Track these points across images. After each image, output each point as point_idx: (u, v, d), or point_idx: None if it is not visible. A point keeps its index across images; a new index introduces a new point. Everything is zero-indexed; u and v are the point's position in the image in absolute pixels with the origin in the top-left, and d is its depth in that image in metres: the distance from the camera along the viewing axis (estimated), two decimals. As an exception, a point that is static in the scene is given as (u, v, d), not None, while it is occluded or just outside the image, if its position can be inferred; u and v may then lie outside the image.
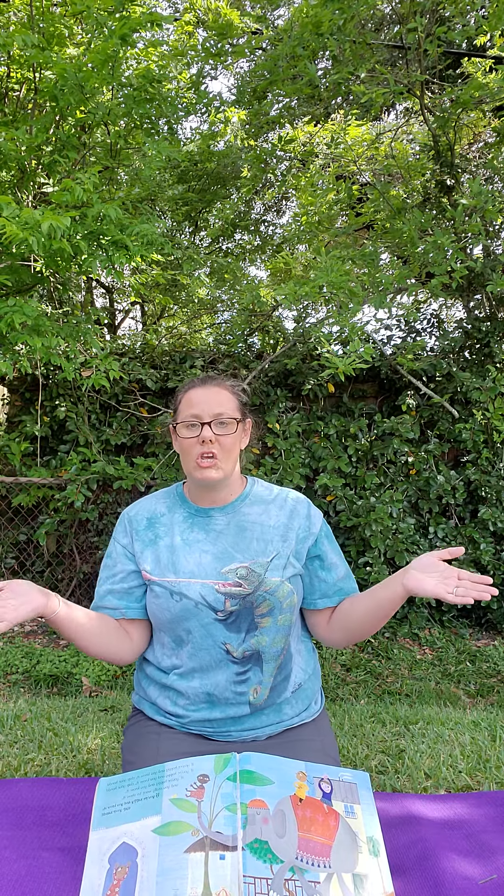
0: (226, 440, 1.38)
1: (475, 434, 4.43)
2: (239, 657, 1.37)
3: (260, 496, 1.48)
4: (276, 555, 1.39)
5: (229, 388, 1.45)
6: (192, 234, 6.70)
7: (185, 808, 1.12)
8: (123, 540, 1.47)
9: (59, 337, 3.31)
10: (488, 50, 4.30)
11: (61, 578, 4.50)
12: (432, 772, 1.85)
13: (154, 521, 1.46)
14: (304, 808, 1.15)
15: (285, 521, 1.44)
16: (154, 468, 4.24)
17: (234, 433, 1.39)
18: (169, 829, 1.10)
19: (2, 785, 1.60)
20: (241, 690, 1.38)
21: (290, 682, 1.43)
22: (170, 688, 1.43)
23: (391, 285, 3.86)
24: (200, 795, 1.13)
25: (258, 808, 1.12)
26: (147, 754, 1.37)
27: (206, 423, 1.37)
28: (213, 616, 1.36)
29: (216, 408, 1.38)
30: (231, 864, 1.04)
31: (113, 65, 3.28)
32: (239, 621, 1.37)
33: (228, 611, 1.36)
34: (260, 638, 1.38)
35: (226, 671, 1.38)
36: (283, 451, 4.33)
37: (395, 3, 4.35)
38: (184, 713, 1.40)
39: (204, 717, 1.39)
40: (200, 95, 4.45)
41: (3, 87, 3.87)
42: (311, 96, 4.67)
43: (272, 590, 1.37)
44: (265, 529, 1.42)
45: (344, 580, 1.47)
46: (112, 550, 1.49)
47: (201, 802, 1.12)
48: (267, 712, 1.41)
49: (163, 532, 1.44)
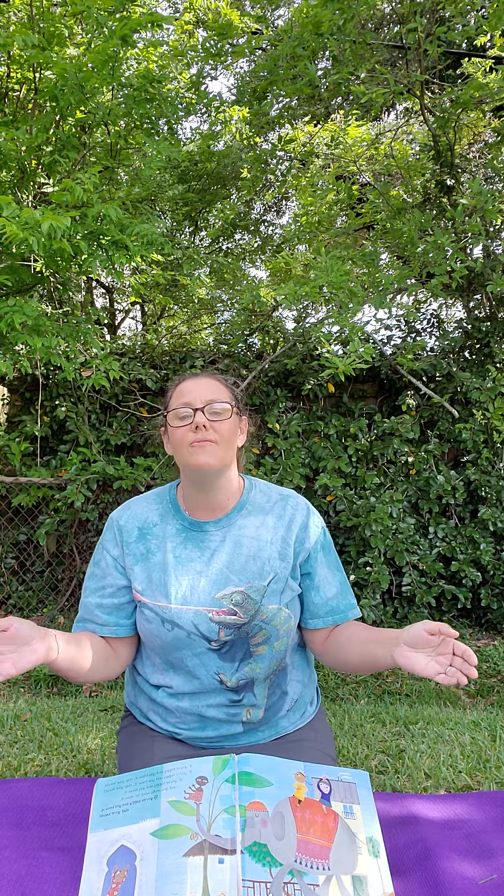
0: (221, 426, 1.29)
1: (475, 434, 4.43)
2: (233, 686, 1.32)
3: (258, 504, 1.38)
4: (273, 577, 1.31)
5: (222, 379, 1.37)
6: (192, 235, 6.70)
7: (184, 810, 1.12)
8: (114, 551, 1.37)
9: (59, 337, 3.31)
10: (488, 50, 4.30)
11: (61, 578, 4.50)
12: (432, 772, 1.85)
13: (145, 533, 1.36)
14: (302, 809, 1.14)
15: (283, 533, 1.35)
16: (154, 468, 4.24)
17: (229, 419, 1.30)
18: (167, 833, 1.09)
19: (2, 785, 1.60)
20: (234, 712, 1.34)
21: (286, 700, 1.39)
22: (159, 704, 1.38)
23: (391, 285, 3.86)
24: (199, 798, 1.13)
25: (257, 810, 1.12)
26: (142, 757, 1.34)
27: (198, 408, 1.28)
28: (207, 646, 1.29)
29: (208, 394, 1.31)
30: (230, 867, 1.04)
31: (113, 65, 3.28)
32: (234, 651, 1.31)
33: (223, 640, 1.29)
34: (254, 665, 1.32)
35: (218, 697, 1.33)
36: (283, 451, 4.33)
37: (395, 3, 4.35)
38: (174, 730, 1.37)
39: (195, 736, 1.35)
40: (200, 95, 4.45)
41: (3, 87, 3.87)
42: (312, 96, 4.67)
43: (269, 618, 1.30)
44: (262, 546, 1.33)
45: (336, 598, 1.37)
46: (101, 559, 1.39)
47: (199, 805, 1.12)
48: (262, 729, 1.37)
49: (154, 546, 1.35)
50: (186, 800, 1.13)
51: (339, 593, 1.38)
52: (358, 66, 3.90)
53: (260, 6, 4.87)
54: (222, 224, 6.61)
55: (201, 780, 1.15)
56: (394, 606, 4.30)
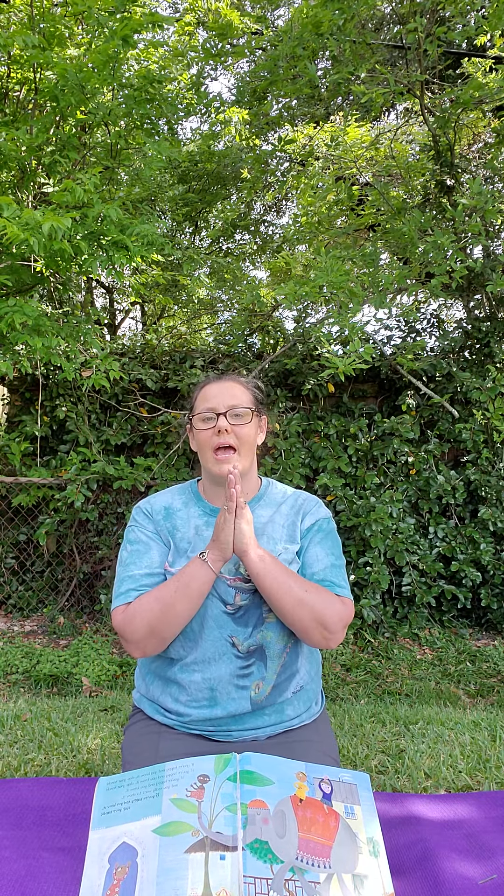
0: (242, 430, 1.42)
1: (475, 434, 4.43)
2: (244, 652, 1.38)
3: (273, 498, 1.52)
4: (282, 552, 1.42)
5: (244, 382, 1.49)
6: (193, 235, 6.70)
7: (185, 808, 1.12)
8: (149, 526, 1.47)
9: (59, 337, 3.31)
10: (488, 50, 4.30)
11: (61, 578, 4.51)
12: (432, 772, 1.86)
13: (171, 513, 1.48)
14: (304, 808, 1.15)
15: (293, 519, 1.47)
16: (154, 468, 4.24)
17: (249, 423, 1.43)
18: (169, 830, 1.10)
19: (2, 785, 1.60)
20: (244, 685, 1.38)
21: (292, 683, 1.43)
22: (172, 682, 1.42)
23: (391, 285, 3.86)
24: (200, 796, 1.14)
25: (258, 808, 1.12)
26: (146, 754, 1.37)
27: (221, 413, 1.41)
28: (223, 608, 1.38)
29: (230, 399, 1.43)
30: (231, 864, 1.04)
31: (114, 65, 3.28)
32: (247, 616, 1.39)
33: (238, 605, 1.39)
34: (266, 633, 1.39)
35: (229, 665, 1.38)
36: (283, 451, 4.33)
37: (395, 4, 4.35)
38: (185, 711, 1.40)
39: (205, 717, 1.39)
40: (201, 96, 4.45)
41: (3, 87, 3.87)
42: (312, 96, 4.67)
43: None
44: (275, 529, 1.45)
45: (322, 573, 1.43)
46: (137, 538, 1.46)
47: (201, 803, 1.12)
48: (268, 712, 1.41)
49: (180, 524, 1.46)
50: (188, 797, 1.13)
51: (326, 569, 1.44)
52: (358, 66, 3.90)
53: (260, 6, 4.87)
54: (222, 224, 6.61)
55: (203, 779, 1.15)
56: (394, 606, 4.30)
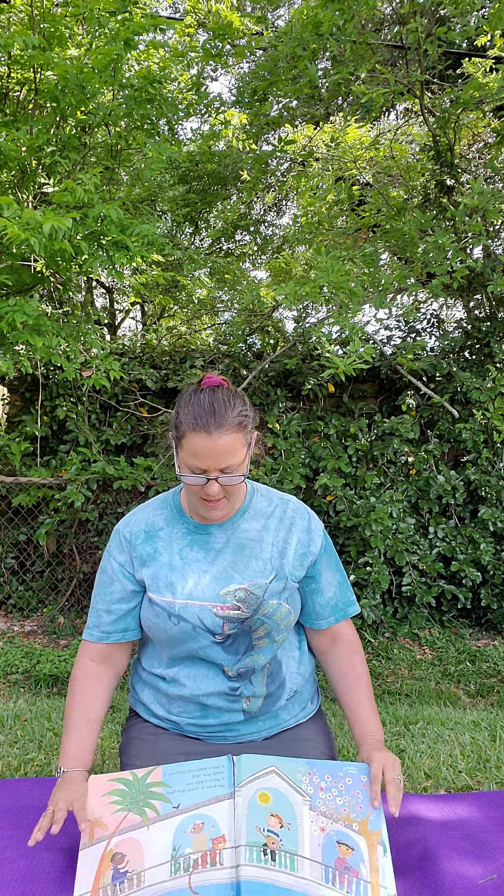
0: (232, 488, 1.31)
1: (475, 434, 4.43)
2: (234, 675, 1.37)
3: (259, 509, 1.43)
4: (275, 576, 1.37)
5: (236, 426, 1.28)
6: (193, 235, 6.70)
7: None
8: (120, 557, 1.42)
9: (59, 337, 3.31)
10: (488, 50, 4.30)
11: (61, 578, 4.51)
12: (432, 772, 1.86)
13: (152, 535, 1.41)
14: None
15: (284, 535, 1.41)
16: (154, 468, 4.24)
17: (241, 475, 1.31)
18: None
19: (2, 785, 1.60)
20: (234, 699, 1.38)
21: (285, 690, 1.42)
22: (162, 693, 1.42)
23: (391, 285, 3.86)
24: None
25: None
26: (144, 755, 1.37)
27: (212, 478, 1.27)
28: (211, 639, 1.34)
29: (223, 461, 1.26)
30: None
31: (115, 67, 3.28)
32: (237, 644, 1.36)
33: (226, 634, 1.34)
34: (255, 657, 1.37)
35: (219, 685, 1.37)
36: (283, 451, 4.33)
37: (395, 4, 4.35)
38: (177, 719, 1.40)
39: (197, 723, 1.38)
40: (201, 96, 4.45)
41: (3, 87, 3.87)
42: (312, 97, 4.67)
43: (270, 613, 1.36)
44: (264, 547, 1.39)
45: (336, 597, 1.45)
46: (107, 566, 1.44)
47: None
48: (263, 719, 1.40)
49: (162, 547, 1.40)
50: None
51: (339, 591, 1.46)
52: (358, 67, 3.90)
53: (260, 7, 4.87)
54: (223, 225, 6.61)
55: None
56: (394, 606, 4.30)
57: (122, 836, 1.17)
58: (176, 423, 1.31)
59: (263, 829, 1.14)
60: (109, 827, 1.18)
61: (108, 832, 1.18)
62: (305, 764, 1.24)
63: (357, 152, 4.97)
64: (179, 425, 1.29)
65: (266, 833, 1.14)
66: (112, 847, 1.16)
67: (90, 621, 1.44)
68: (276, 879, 1.09)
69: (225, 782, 1.21)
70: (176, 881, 1.10)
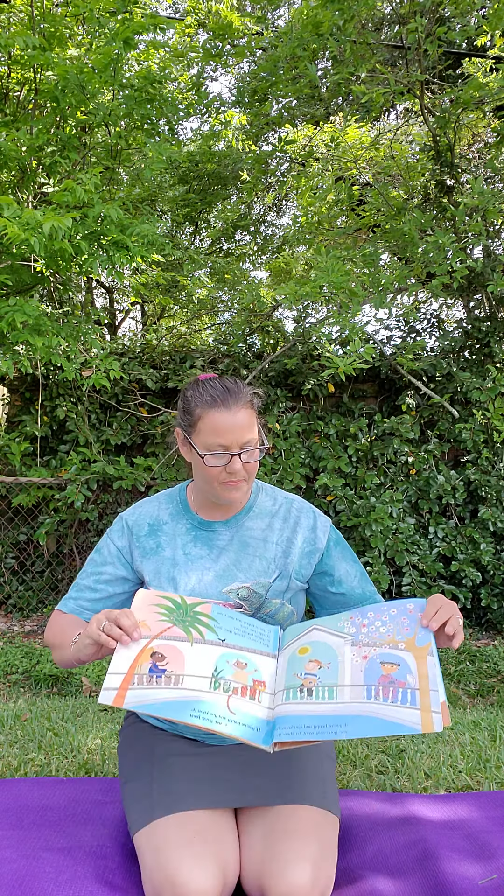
0: (252, 466, 1.33)
1: (475, 434, 4.43)
2: None
3: (264, 508, 1.44)
4: (278, 575, 1.37)
5: (250, 403, 1.33)
6: (193, 235, 6.71)
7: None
8: (119, 542, 1.42)
9: (59, 337, 3.31)
10: (488, 50, 4.30)
11: (61, 578, 4.51)
12: (432, 772, 1.85)
13: (156, 529, 1.41)
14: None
15: (288, 534, 1.40)
16: (154, 468, 4.24)
17: (262, 457, 1.36)
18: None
19: (2, 785, 1.60)
20: None
21: None
22: None
23: (391, 285, 3.86)
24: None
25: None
26: (142, 756, 1.36)
27: (235, 454, 1.28)
28: None
29: (243, 435, 1.29)
30: None
31: (115, 67, 3.28)
32: None
33: None
34: None
35: None
36: (283, 451, 4.33)
37: (395, 4, 4.35)
38: (172, 726, 1.39)
39: (195, 730, 1.36)
40: (201, 96, 4.45)
41: (3, 87, 3.87)
42: (312, 97, 4.67)
43: (272, 612, 1.35)
44: (268, 546, 1.39)
45: (361, 587, 1.43)
46: (103, 547, 1.43)
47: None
48: None
49: (165, 542, 1.39)
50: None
51: (362, 582, 1.45)
52: (358, 67, 3.90)
53: (260, 7, 4.87)
54: (223, 225, 6.61)
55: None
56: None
57: (164, 641, 1.16)
58: (188, 408, 1.33)
59: (301, 673, 1.14)
60: (153, 630, 1.17)
61: (150, 633, 1.16)
62: (347, 612, 1.24)
63: (357, 152, 4.96)
64: (193, 409, 1.31)
65: (304, 676, 1.14)
66: (153, 646, 1.15)
67: (69, 594, 1.42)
68: (312, 710, 1.08)
69: (270, 644, 1.23)
70: (214, 696, 1.10)
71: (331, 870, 1.18)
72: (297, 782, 1.29)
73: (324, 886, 1.14)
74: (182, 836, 1.16)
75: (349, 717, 1.05)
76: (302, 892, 1.11)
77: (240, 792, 1.28)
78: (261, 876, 1.15)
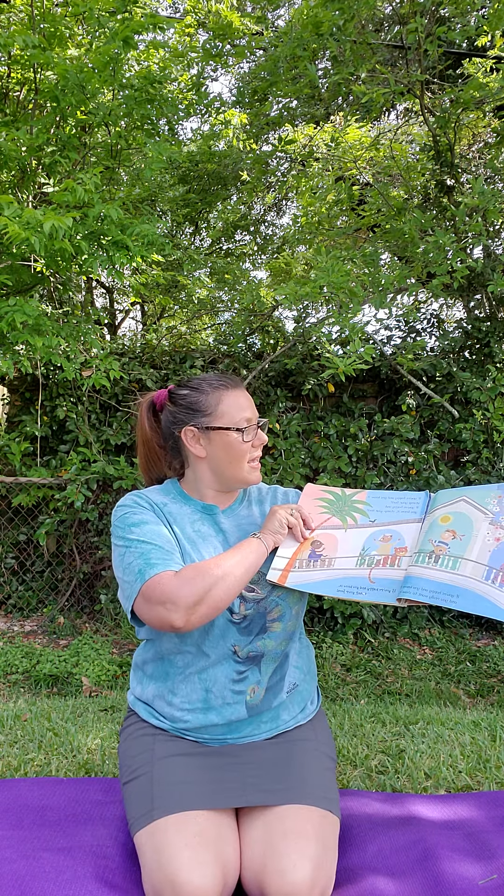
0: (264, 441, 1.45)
1: (475, 434, 4.43)
2: (243, 657, 1.36)
3: (255, 497, 1.52)
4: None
5: None
6: (193, 235, 6.70)
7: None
8: (150, 511, 1.37)
9: (59, 337, 3.32)
10: (489, 50, 4.30)
11: (61, 578, 4.50)
12: (432, 772, 1.85)
13: (162, 508, 1.40)
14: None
15: None
16: (154, 468, 4.24)
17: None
18: None
19: (2, 785, 1.60)
20: (240, 689, 1.36)
21: (285, 683, 1.42)
22: (166, 683, 1.40)
23: (391, 285, 3.86)
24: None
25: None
26: (142, 757, 1.36)
27: (259, 425, 1.41)
28: (228, 617, 1.35)
29: (256, 411, 1.44)
30: None
31: (114, 66, 3.28)
32: (252, 626, 1.36)
33: (243, 614, 1.35)
34: (267, 641, 1.37)
35: (227, 668, 1.36)
36: (283, 451, 4.33)
37: (396, 4, 4.35)
38: (178, 715, 1.37)
39: (199, 724, 1.36)
40: (201, 96, 4.45)
41: (3, 87, 3.87)
42: (312, 97, 4.67)
43: (284, 594, 1.38)
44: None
45: None
46: (142, 520, 1.34)
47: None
48: (264, 718, 1.39)
49: (171, 520, 1.38)
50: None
51: None
52: (358, 67, 3.90)
53: (260, 6, 4.87)
54: (223, 225, 6.61)
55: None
56: (394, 606, 4.30)
57: (323, 531, 1.39)
58: (197, 405, 1.40)
59: (435, 540, 1.27)
60: (315, 523, 1.42)
61: (313, 526, 1.42)
62: (497, 489, 1.31)
63: (357, 152, 4.96)
64: (206, 400, 1.39)
65: (437, 543, 1.26)
66: (314, 536, 1.39)
67: (156, 556, 1.28)
68: (432, 576, 1.21)
69: (418, 510, 1.37)
70: (359, 571, 1.30)
71: (331, 870, 1.18)
72: (297, 782, 1.29)
73: (324, 886, 1.14)
74: (182, 837, 1.16)
75: (462, 590, 1.16)
76: (302, 891, 1.11)
77: (240, 792, 1.28)
78: (261, 876, 1.15)
